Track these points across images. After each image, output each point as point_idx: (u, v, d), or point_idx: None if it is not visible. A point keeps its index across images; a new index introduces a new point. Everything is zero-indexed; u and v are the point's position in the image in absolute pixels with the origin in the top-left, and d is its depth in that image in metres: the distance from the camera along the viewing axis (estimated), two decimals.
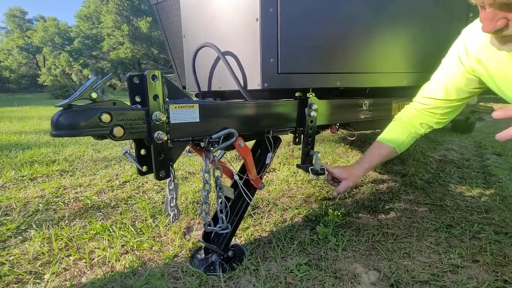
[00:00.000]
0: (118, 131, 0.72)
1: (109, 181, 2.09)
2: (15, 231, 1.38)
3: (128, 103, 0.80)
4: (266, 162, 1.18)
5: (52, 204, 1.70)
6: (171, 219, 0.96)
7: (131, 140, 0.85)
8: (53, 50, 35.05)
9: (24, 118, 6.07)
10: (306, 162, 1.21)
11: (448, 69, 0.97)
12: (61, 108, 0.66)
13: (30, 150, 3.02)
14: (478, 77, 0.90)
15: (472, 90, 0.97)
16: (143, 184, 2.03)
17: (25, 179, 2.12)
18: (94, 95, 0.69)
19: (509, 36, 0.66)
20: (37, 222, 1.46)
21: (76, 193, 1.88)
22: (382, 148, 1.14)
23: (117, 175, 2.24)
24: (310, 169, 1.15)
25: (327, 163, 2.54)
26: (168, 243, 1.27)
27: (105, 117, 0.69)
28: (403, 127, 1.13)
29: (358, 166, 1.14)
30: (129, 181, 2.09)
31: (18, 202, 1.69)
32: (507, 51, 0.74)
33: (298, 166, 1.24)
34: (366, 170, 1.16)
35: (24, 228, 1.41)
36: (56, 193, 1.85)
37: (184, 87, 1.94)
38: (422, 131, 1.11)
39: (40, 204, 1.67)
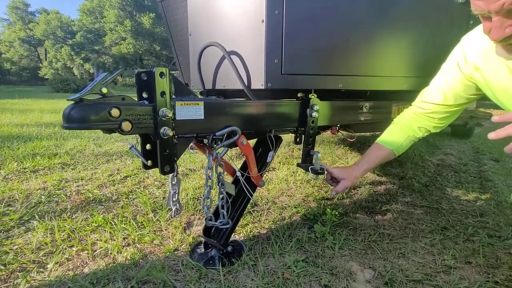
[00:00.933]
0: (126, 125, 0.74)
1: (111, 176, 2.11)
2: (18, 221, 1.40)
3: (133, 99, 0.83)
4: (267, 161, 1.20)
5: (54, 196, 1.72)
6: (172, 213, 0.99)
7: (137, 135, 0.88)
8: (55, 43, 34.97)
9: (26, 111, 6.08)
10: (307, 161, 1.24)
11: (447, 75, 1.00)
12: (73, 102, 0.69)
13: (32, 142, 3.03)
14: (475, 84, 0.93)
15: (470, 96, 1.00)
16: (144, 179, 2.05)
17: (27, 171, 2.14)
18: (104, 90, 0.71)
19: None
20: (39, 213, 1.49)
21: (77, 186, 1.90)
22: (381, 150, 1.16)
23: (118, 169, 2.27)
24: (310, 168, 1.18)
25: (326, 164, 2.57)
26: (169, 237, 1.30)
27: (115, 112, 0.71)
28: (402, 130, 1.15)
29: (356, 167, 1.17)
30: (130, 176, 2.11)
31: (21, 193, 1.71)
32: (506, 59, 0.76)
33: (298, 165, 1.27)
34: (365, 171, 1.19)
35: (27, 218, 1.44)
36: (58, 186, 1.87)
37: (187, 84, 1.97)
38: (420, 135, 1.14)
39: (43, 196, 1.70)
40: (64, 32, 35.12)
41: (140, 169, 2.26)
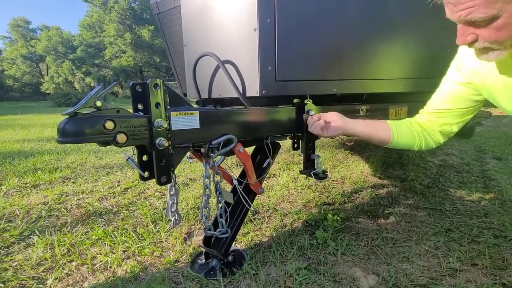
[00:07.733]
0: (121, 137, 0.75)
1: (111, 188, 2.11)
2: (18, 237, 1.40)
3: (131, 111, 0.83)
4: (264, 167, 1.20)
5: (54, 210, 1.72)
6: (172, 224, 0.98)
7: (133, 147, 0.88)
8: (56, 58, 35.47)
9: (27, 126, 6.13)
10: (308, 166, 1.23)
11: (449, 81, 0.98)
12: (67, 116, 0.69)
13: (33, 157, 3.05)
14: (475, 88, 0.92)
15: (472, 101, 0.97)
16: (144, 190, 2.05)
17: (28, 186, 2.14)
18: (98, 103, 0.72)
19: (481, 49, 0.70)
20: (40, 228, 1.48)
21: (78, 199, 1.90)
22: (383, 122, 1.06)
23: (118, 181, 2.26)
24: (313, 173, 1.17)
25: (327, 169, 2.56)
26: (169, 249, 1.29)
27: (109, 125, 0.72)
28: (408, 124, 1.09)
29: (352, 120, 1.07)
30: (130, 188, 2.11)
31: (21, 209, 1.71)
32: (496, 62, 0.76)
33: (301, 172, 1.26)
34: (358, 127, 1.05)
35: (27, 234, 1.43)
36: (59, 200, 1.87)
37: (185, 94, 1.98)
38: (422, 139, 1.07)
39: (43, 211, 1.69)
40: (65, 47, 35.64)
41: (140, 180, 2.26)
